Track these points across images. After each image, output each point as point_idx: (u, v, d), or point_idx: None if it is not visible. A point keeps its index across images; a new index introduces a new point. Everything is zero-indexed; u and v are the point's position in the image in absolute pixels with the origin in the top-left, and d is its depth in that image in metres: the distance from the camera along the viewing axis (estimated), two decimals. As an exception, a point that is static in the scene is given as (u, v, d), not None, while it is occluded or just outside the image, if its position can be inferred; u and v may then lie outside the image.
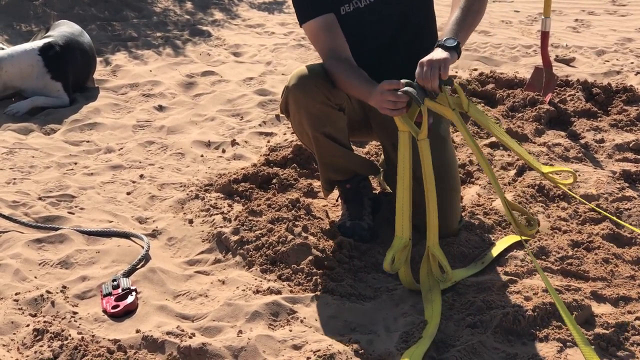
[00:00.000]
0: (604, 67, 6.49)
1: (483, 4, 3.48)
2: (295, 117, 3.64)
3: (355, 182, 3.79)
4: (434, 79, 3.15)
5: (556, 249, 3.58)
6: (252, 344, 2.91)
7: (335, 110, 3.60)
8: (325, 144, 3.64)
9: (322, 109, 3.56)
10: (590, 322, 3.08)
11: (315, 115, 3.57)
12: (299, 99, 3.56)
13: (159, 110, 5.67)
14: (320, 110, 3.56)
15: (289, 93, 3.59)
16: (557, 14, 8.30)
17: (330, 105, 3.57)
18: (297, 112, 3.60)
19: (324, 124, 3.59)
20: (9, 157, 4.76)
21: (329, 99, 3.56)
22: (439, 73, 3.15)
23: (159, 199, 4.25)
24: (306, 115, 3.58)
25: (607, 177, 4.28)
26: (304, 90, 3.54)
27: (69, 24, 6.27)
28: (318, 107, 3.55)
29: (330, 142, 3.63)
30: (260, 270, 3.47)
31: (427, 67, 3.17)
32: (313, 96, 3.53)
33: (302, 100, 3.55)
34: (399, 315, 3.15)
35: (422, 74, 3.17)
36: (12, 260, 3.52)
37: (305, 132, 3.65)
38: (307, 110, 3.56)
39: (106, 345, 2.90)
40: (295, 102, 3.58)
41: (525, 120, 5.09)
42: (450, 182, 3.69)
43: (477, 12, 3.44)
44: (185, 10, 8.70)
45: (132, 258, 3.56)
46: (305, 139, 3.73)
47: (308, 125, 3.60)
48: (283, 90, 3.66)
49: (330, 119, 3.60)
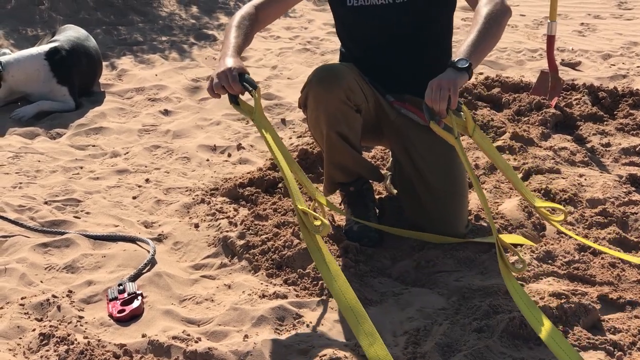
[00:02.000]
0: (610, 70, 6.49)
1: (501, 29, 3.38)
2: (312, 113, 3.64)
3: (359, 184, 3.79)
4: (442, 102, 3.08)
5: (562, 253, 3.57)
6: (258, 348, 2.90)
7: (353, 111, 3.59)
8: (337, 143, 3.63)
9: (340, 108, 3.56)
10: (597, 326, 3.07)
11: (333, 113, 3.56)
12: (319, 95, 3.56)
13: (164, 115, 5.67)
14: (339, 109, 3.56)
15: (310, 88, 3.59)
16: (563, 17, 8.29)
17: (349, 105, 3.57)
18: (315, 108, 3.60)
19: (339, 123, 3.59)
20: (15, 161, 4.76)
21: (349, 98, 3.55)
22: (449, 95, 3.08)
23: (165, 203, 4.25)
24: (324, 112, 3.57)
25: (614, 181, 4.27)
26: (325, 87, 3.54)
27: (75, 29, 6.28)
28: (337, 106, 3.55)
29: (342, 142, 3.62)
30: (266, 275, 3.47)
31: (436, 89, 3.09)
32: (334, 94, 3.53)
33: (323, 97, 3.55)
34: (405, 319, 3.14)
35: (432, 95, 3.10)
36: (18, 265, 3.52)
37: (320, 128, 3.64)
38: (326, 107, 3.56)
39: (112, 350, 2.90)
40: (315, 98, 3.57)
41: (531, 124, 5.08)
42: (458, 186, 3.70)
43: (494, 36, 3.33)
44: (190, 14, 8.71)
45: (138, 262, 3.56)
46: (317, 135, 3.72)
47: (324, 123, 3.59)
48: (304, 85, 3.66)
49: (346, 119, 3.59)
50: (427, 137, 3.63)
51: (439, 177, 3.64)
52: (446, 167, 3.66)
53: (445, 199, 3.64)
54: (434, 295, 3.30)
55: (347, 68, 3.63)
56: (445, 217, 3.67)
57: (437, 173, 3.62)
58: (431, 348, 2.91)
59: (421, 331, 3.03)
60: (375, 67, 3.76)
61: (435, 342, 2.94)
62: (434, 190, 3.65)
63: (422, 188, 3.61)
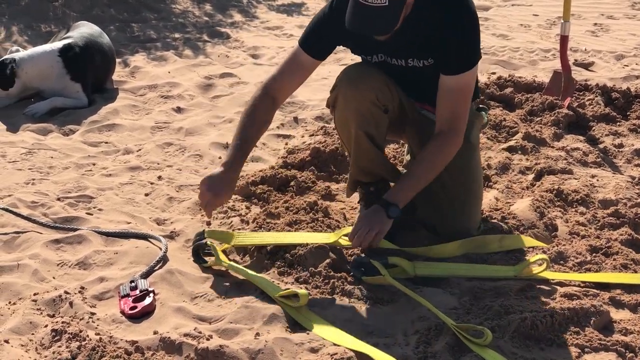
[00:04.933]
0: (623, 71, 6.47)
1: (441, 164, 3.54)
2: (342, 113, 3.64)
3: (379, 185, 3.79)
4: (366, 241, 3.42)
5: (574, 254, 3.57)
6: (270, 346, 2.91)
7: (381, 112, 3.60)
8: (364, 143, 3.63)
9: (370, 109, 3.56)
10: (608, 328, 3.07)
11: (363, 114, 3.57)
12: (349, 96, 3.56)
13: (177, 112, 5.68)
14: (368, 109, 3.56)
15: (340, 89, 3.60)
16: (576, 17, 8.27)
17: (378, 105, 3.57)
18: (345, 108, 3.60)
19: (368, 124, 3.59)
20: (28, 157, 4.78)
21: (378, 99, 3.56)
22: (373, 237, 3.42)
23: (177, 200, 4.26)
24: (354, 112, 3.57)
25: (626, 182, 4.26)
26: (356, 87, 3.54)
27: (88, 25, 6.30)
28: (367, 106, 3.55)
29: (369, 143, 3.63)
30: (277, 273, 3.47)
31: (364, 229, 3.43)
32: (364, 95, 3.53)
33: (353, 97, 3.55)
34: (416, 318, 3.14)
35: (358, 232, 3.44)
36: (31, 261, 3.54)
37: (348, 128, 3.64)
38: (357, 108, 3.56)
39: (124, 347, 2.91)
40: (345, 98, 3.58)
41: (543, 125, 5.08)
42: (474, 187, 3.72)
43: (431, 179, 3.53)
44: (204, 11, 8.72)
45: (150, 259, 3.57)
46: (345, 135, 3.72)
47: (353, 122, 3.59)
48: (333, 85, 3.67)
49: (375, 119, 3.60)
50: None
51: (455, 175, 3.64)
52: (462, 166, 3.66)
53: (460, 197, 3.64)
54: (445, 294, 3.30)
55: (375, 68, 3.62)
56: (458, 216, 3.67)
57: (453, 172, 3.62)
58: (442, 348, 2.91)
59: (432, 331, 3.03)
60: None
61: (446, 342, 2.94)
62: (449, 189, 3.66)
63: (437, 186, 3.61)
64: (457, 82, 3.46)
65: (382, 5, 3.18)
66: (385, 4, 3.18)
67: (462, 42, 3.43)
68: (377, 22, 3.24)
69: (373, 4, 3.18)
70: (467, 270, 3.45)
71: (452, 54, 3.42)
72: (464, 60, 3.46)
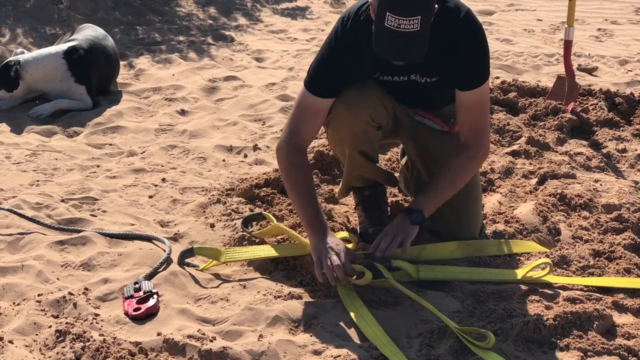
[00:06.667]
0: (626, 76, 6.47)
1: (466, 181, 3.57)
2: (336, 133, 3.63)
3: (373, 189, 3.80)
4: (391, 248, 3.40)
5: (577, 258, 3.57)
6: (273, 348, 2.91)
7: (375, 130, 3.60)
8: (358, 160, 3.65)
9: (364, 129, 3.56)
10: (611, 332, 3.07)
11: (357, 134, 3.57)
12: (344, 117, 3.54)
13: (181, 115, 5.69)
14: (362, 129, 3.56)
15: (335, 109, 3.55)
16: (580, 23, 8.27)
17: (372, 125, 3.57)
18: (339, 128, 3.59)
19: (362, 143, 3.60)
20: (32, 159, 4.79)
21: (372, 118, 3.55)
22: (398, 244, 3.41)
23: (181, 202, 4.27)
24: (349, 133, 3.57)
25: (629, 187, 4.27)
26: (350, 109, 3.51)
27: (93, 28, 6.30)
28: (361, 127, 3.55)
29: (363, 159, 3.64)
30: (281, 276, 3.48)
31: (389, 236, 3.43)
32: (358, 115, 3.52)
33: (347, 119, 3.54)
34: (420, 321, 3.14)
35: (384, 239, 3.42)
36: (35, 262, 3.55)
37: (342, 147, 3.65)
38: (351, 129, 3.55)
39: (127, 348, 2.92)
40: (340, 119, 3.56)
41: (547, 129, 5.08)
42: (474, 191, 3.72)
43: (456, 189, 3.54)
44: (208, 15, 8.74)
45: (154, 261, 3.58)
46: (338, 151, 3.73)
47: (347, 143, 3.60)
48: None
49: (369, 138, 3.60)
50: (440, 142, 3.66)
51: None
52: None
53: (460, 202, 3.64)
54: (448, 298, 3.31)
55: (371, 83, 3.56)
56: (459, 220, 3.68)
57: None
58: (445, 351, 2.92)
59: (435, 334, 3.04)
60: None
61: (449, 345, 2.95)
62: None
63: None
64: (477, 96, 3.47)
65: (415, 30, 3.11)
66: (417, 29, 3.11)
67: (478, 57, 3.44)
68: (412, 48, 3.17)
69: (406, 29, 3.11)
70: (470, 273, 3.46)
71: (471, 69, 3.43)
72: (481, 73, 3.47)
